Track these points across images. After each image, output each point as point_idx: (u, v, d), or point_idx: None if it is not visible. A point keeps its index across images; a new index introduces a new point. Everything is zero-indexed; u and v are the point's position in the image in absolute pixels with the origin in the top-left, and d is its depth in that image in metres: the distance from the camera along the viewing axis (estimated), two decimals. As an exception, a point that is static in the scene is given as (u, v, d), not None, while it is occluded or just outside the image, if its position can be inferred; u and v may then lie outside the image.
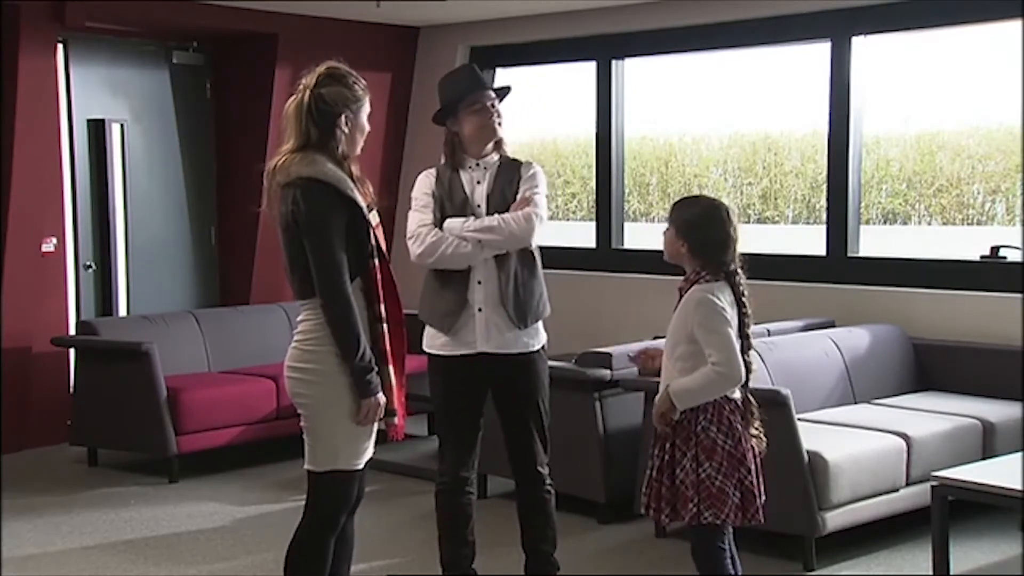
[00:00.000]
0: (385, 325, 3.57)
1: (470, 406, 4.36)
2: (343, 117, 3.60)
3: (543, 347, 4.40)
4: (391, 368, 3.59)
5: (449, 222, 4.28)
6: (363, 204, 3.55)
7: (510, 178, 4.33)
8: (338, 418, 3.55)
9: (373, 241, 3.57)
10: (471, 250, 4.23)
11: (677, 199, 3.99)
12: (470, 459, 4.40)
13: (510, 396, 4.37)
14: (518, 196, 4.29)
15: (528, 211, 4.23)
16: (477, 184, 4.34)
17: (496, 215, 4.25)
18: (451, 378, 4.33)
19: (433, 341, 4.36)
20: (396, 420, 3.61)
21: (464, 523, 4.41)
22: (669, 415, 3.75)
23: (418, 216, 4.33)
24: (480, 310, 4.26)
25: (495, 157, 4.37)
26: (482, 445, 4.50)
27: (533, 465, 4.38)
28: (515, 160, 4.39)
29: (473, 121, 4.31)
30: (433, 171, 4.42)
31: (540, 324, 4.39)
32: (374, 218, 3.59)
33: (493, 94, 4.35)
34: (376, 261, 3.57)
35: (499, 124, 4.33)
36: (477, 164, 4.35)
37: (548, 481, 4.42)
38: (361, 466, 3.63)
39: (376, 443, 3.70)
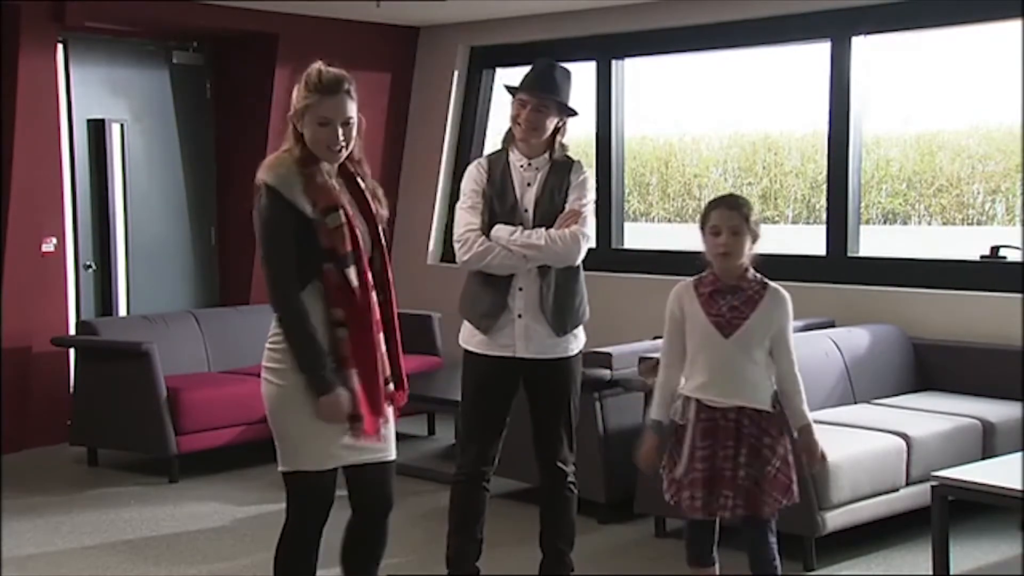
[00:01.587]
0: (344, 329, 3.51)
1: (499, 404, 4.37)
2: (293, 115, 3.56)
3: (580, 351, 4.43)
4: (353, 372, 3.52)
5: (497, 230, 4.26)
6: (307, 208, 3.47)
7: (560, 182, 4.31)
8: (296, 417, 3.53)
9: (328, 245, 3.49)
10: (516, 262, 4.24)
11: (720, 199, 3.93)
12: (491, 455, 4.41)
13: (544, 396, 4.39)
14: (567, 205, 4.28)
15: (575, 231, 4.23)
16: (528, 186, 4.32)
17: (544, 232, 4.23)
18: (485, 376, 4.34)
19: (471, 338, 4.36)
20: (362, 425, 3.53)
21: (476, 518, 4.42)
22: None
23: (467, 217, 4.31)
24: (520, 316, 4.27)
25: (547, 157, 4.34)
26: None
27: (556, 461, 4.40)
28: (567, 159, 4.36)
29: (512, 112, 4.33)
30: (484, 163, 4.39)
31: (580, 328, 4.41)
32: (333, 220, 3.49)
33: (548, 98, 4.25)
34: (332, 265, 3.50)
35: (533, 126, 4.25)
36: (529, 163, 4.33)
37: (571, 479, 4.44)
38: (328, 468, 3.59)
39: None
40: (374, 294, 3.57)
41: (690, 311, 3.87)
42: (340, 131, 3.51)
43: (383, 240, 3.66)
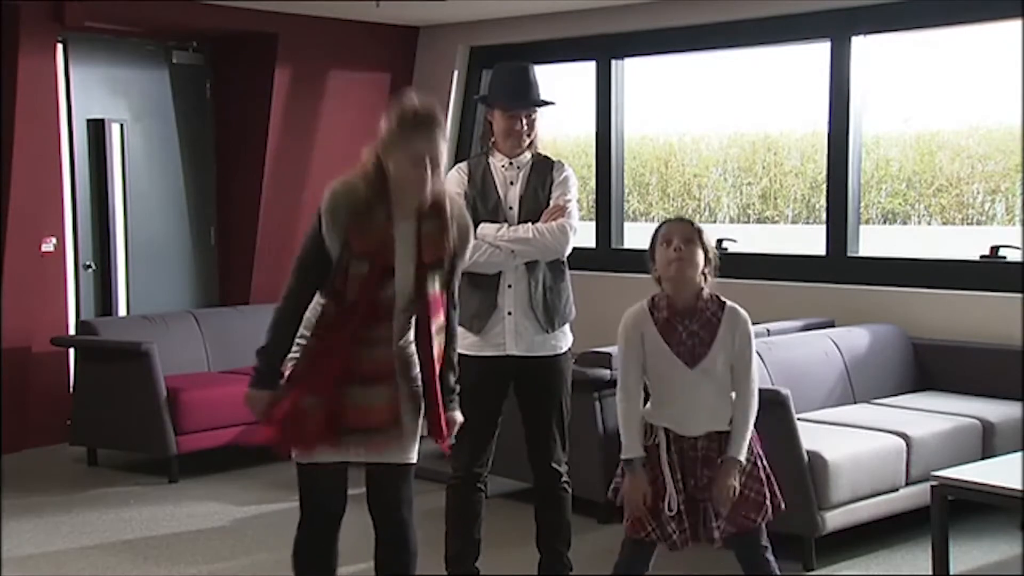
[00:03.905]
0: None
1: (491, 405, 4.39)
2: (380, 145, 3.51)
3: (569, 349, 4.46)
4: (288, 386, 3.56)
5: (483, 228, 4.29)
6: (335, 247, 3.45)
7: (542, 180, 4.37)
8: None
9: (338, 286, 3.48)
10: (504, 258, 4.27)
11: (671, 221, 3.81)
12: (485, 457, 4.43)
13: (534, 396, 4.42)
14: (551, 201, 4.33)
15: (562, 223, 4.29)
16: (511, 185, 4.38)
17: (531, 226, 4.28)
18: (476, 377, 4.34)
19: (461, 340, 4.36)
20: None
21: (473, 520, 4.45)
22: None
23: None
24: (510, 313, 4.31)
25: (527, 156, 4.40)
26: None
27: (550, 462, 4.42)
28: (547, 159, 4.43)
29: (501, 124, 4.37)
30: (464, 166, 4.44)
31: (567, 326, 4.44)
32: (357, 268, 3.44)
33: (532, 106, 4.34)
34: (331, 302, 3.51)
35: (527, 134, 4.34)
36: (511, 163, 4.38)
37: (565, 478, 4.47)
38: (304, 461, 3.62)
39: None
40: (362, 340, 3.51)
41: (649, 339, 3.75)
42: (428, 169, 3.42)
43: (434, 287, 3.53)
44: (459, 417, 3.74)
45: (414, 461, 3.72)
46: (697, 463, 3.74)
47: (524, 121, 4.34)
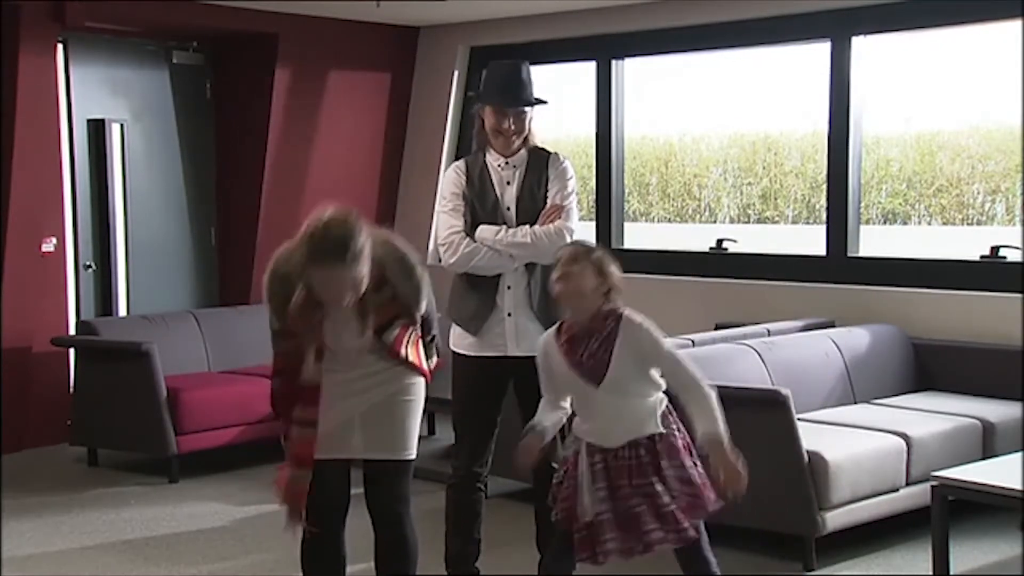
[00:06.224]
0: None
1: (491, 405, 4.40)
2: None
3: None
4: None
5: (482, 231, 4.30)
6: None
7: (539, 176, 4.36)
8: None
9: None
10: (503, 261, 4.28)
11: (568, 245, 3.88)
12: (484, 456, 4.43)
13: (535, 395, 4.38)
14: (548, 198, 4.33)
15: (560, 226, 4.28)
16: (507, 185, 4.37)
17: (528, 230, 4.28)
18: (476, 377, 4.36)
19: (461, 341, 4.39)
20: None
21: (473, 519, 4.45)
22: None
23: (449, 221, 4.35)
24: (509, 314, 4.31)
25: (523, 153, 4.39)
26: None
27: (548, 462, 4.39)
28: (542, 151, 4.42)
29: (490, 121, 4.36)
30: (462, 165, 4.43)
31: None
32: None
33: (520, 105, 4.33)
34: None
35: (516, 132, 4.33)
36: (507, 162, 4.37)
37: None
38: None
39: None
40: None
41: (556, 362, 3.73)
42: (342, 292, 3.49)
43: (391, 335, 3.64)
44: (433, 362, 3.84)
45: (412, 457, 3.72)
46: (623, 472, 3.66)
47: (512, 120, 4.32)
